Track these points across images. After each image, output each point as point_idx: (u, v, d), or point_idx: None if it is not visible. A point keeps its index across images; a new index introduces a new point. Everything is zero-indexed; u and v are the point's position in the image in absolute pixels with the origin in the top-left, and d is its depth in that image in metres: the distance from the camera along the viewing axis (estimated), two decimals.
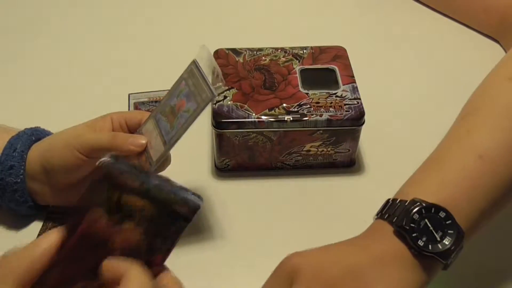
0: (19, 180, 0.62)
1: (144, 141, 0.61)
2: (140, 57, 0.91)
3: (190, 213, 0.45)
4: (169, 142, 0.60)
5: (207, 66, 0.60)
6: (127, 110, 0.80)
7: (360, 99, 0.70)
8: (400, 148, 0.76)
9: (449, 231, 0.49)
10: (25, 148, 0.63)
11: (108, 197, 0.44)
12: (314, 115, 0.68)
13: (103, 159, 0.44)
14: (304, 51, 0.76)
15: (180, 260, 0.63)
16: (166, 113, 0.61)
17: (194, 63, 0.61)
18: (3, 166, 0.61)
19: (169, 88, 0.83)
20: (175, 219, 0.45)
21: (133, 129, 0.64)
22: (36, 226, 0.66)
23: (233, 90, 0.71)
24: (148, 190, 0.44)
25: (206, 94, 0.58)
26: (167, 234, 0.45)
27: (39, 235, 0.65)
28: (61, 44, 0.93)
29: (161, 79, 0.85)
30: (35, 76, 0.87)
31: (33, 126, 0.67)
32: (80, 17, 0.99)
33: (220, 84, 0.59)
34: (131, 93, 0.82)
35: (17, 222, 0.66)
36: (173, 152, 0.66)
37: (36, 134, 0.65)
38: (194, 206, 0.45)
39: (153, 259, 0.45)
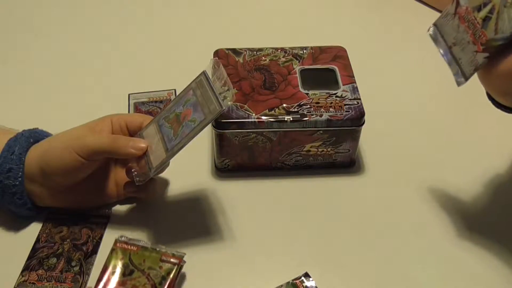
0: (17, 183, 0.62)
1: (144, 145, 0.61)
2: (140, 57, 0.91)
3: (176, 260, 0.59)
4: (172, 149, 0.59)
5: (217, 78, 0.60)
6: (127, 110, 0.80)
7: (360, 99, 0.70)
8: (400, 148, 0.76)
9: None
10: (23, 151, 0.62)
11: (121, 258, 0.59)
12: (314, 115, 0.67)
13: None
14: (304, 51, 0.76)
15: None
16: (170, 119, 0.61)
17: (204, 74, 0.60)
18: (1, 169, 0.61)
19: (169, 89, 0.83)
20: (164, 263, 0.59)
21: (133, 132, 0.64)
22: (35, 227, 0.66)
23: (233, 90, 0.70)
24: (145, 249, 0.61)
25: (215, 106, 0.57)
26: (161, 274, 0.58)
27: (39, 236, 0.65)
28: (61, 44, 0.93)
29: (161, 79, 0.85)
30: (34, 76, 0.87)
31: (32, 126, 0.67)
32: (80, 17, 0.99)
33: (229, 97, 0.59)
34: (131, 93, 0.82)
35: (17, 224, 0.66)
36: None
37: (34, 136, 0.64)
38: (179, 255, 0.60)
39: None
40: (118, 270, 0.58)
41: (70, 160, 0.60)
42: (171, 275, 0.58)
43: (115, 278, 0.58)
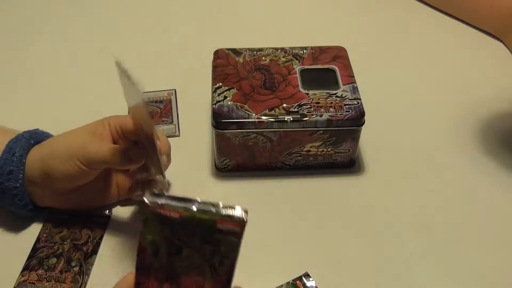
0: (18, 185, 0.62)
1: (141, 159, 0.61)
2: (140, 57, 0.91)
3: (236, 227, 0.45)
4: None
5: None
6: (127, 111, 0.80)
7: (360, 99, 0.70)
8: (400, 148, 0.76)
9: None
10: (24, 153, 0.62)
11: (160, 231, 0.45)
12: (314, 115, 0.68)
13: (146, 197, 0.45)
14: (304, 51, 0.76)
15: None
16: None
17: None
18: (2, 170, 0.61)
19: (169, 89, 0.83)
20: (223, 235, 0.45)
21: (127, 134, 0.64)
22: (36, 227, 0.66)
23: (233, 90, 0.71)
24: (192, 216, 0.45)
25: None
26: (221, 251, 0.45)
27: (39, 236, 0.65)
28: (61, 44, 0.93)
29: (161, 79, 0.85)
30: (34, 76, 0.87)
31: (32, 126, 0.67)
32: (80, 17, 0.99)
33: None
34: None
35: (17, 224, 0.66)
36: (173, 152, 0.66)
37: (35, 137, 0.64)
38: (238, 220, 0.45)
39: (218, 282, 0.45)
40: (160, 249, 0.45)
41: (73, 168, 0.60)
42: (233, 251, 0.46)
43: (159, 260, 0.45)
